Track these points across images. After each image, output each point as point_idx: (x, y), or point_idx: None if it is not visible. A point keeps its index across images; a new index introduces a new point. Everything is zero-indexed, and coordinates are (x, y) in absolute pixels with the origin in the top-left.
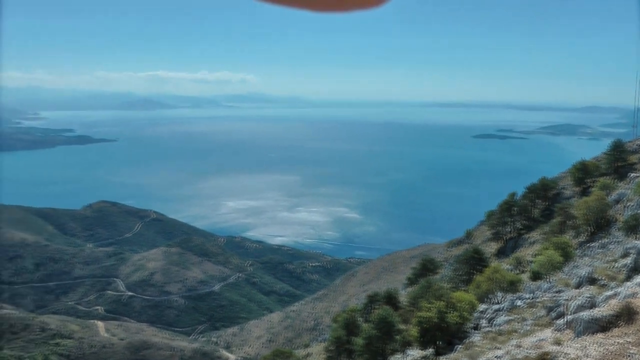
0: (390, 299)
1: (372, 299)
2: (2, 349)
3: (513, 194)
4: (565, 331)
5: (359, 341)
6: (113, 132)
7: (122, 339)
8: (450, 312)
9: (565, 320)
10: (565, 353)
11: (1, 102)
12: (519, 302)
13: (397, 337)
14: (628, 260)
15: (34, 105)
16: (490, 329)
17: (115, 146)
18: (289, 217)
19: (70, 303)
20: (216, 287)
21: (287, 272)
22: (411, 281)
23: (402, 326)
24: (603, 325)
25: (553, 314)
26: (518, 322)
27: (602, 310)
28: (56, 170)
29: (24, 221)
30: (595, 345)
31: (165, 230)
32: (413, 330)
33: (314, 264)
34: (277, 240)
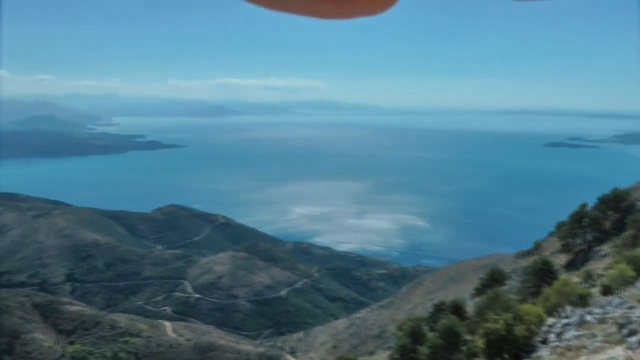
0: (457, 309)
1: (439, 308)
2: (73, 344)
3: (584, 205)
4: (638, 350)
5: (424, 350)
6: (183, 138)
7: (188, 340)
8: (517, 325)
9: (638, 338)
10: None
11: (77, 109)
12: (588, 317)
13: (463, 347)
14: None
15: (107, 112)
16: (558, 344)
17: (185, 152)
18: (356, 224)
19: (139, 303)
20: (282, 292)
21: (353, 279)
22: (478, 292)
23: (468, 337)
24: None
25: (625, 331)
26: (588, 338)
27: None
28: (128, 174)
29: (97, 223)
30: None
31: (233, 234)
32: (479, 342)
33: (380, 272)
34: (343, 247)
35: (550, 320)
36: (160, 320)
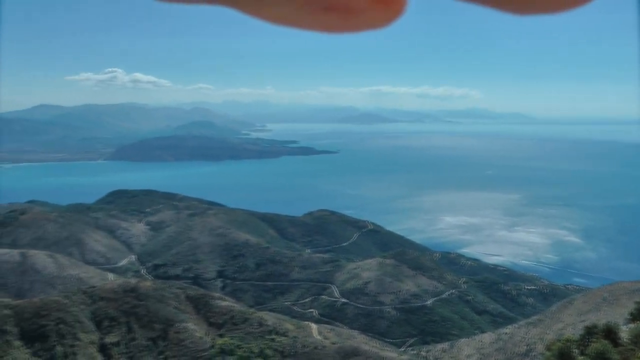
0: (610, 334)
1: (590, 331)
2: (222, 337)
3: None
4: None
5: None
6: (335, 144)
7: (333, 343)
8: None
9: None
10: None
11: (232, 115)
12: None
13: None
14: None
15: (261, 118)
16: None
17: (337, 158)
18: (506, 237)
19: (286, 303)
20: (429, 302)
21: (501, 293)
22: (634, 317)
23: None
24: None
25: None
26: None
27: None
28: (280, 178)
29: (249, 224)
30: None
31: (381, 241)
32: None
33: (529, 287)
34: (492, 260)
35: None
36: (306, 322)
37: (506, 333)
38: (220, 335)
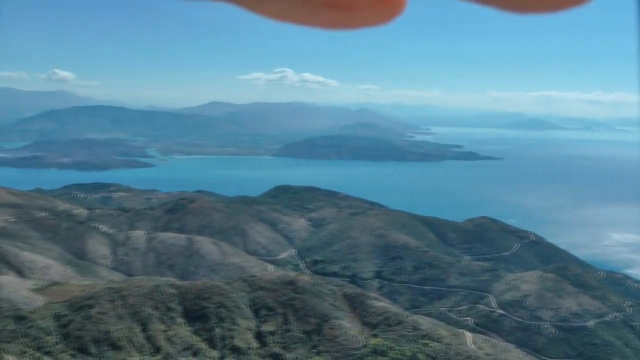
0: None
1: None
2: (376, 337)
3: None
4: None
5: None
6: (499, 150)
7: (487, 354)
8: None
9: None
10: None
11: (397, 117)
12: None
13: None
14: None
15: (426, 121)
16: None
17: (501, 164)
18: None
19: (442, 309)
20: (590, 323)
21: None
22: None
23: None
24: None
25: None
26: None
27: None
28: (442, 182)
29: (408, 226)
30: None
31: (543, 254)
32: None
33: None
34: None
35: None
36: (461, 330)
37: None
38: (374, 336)
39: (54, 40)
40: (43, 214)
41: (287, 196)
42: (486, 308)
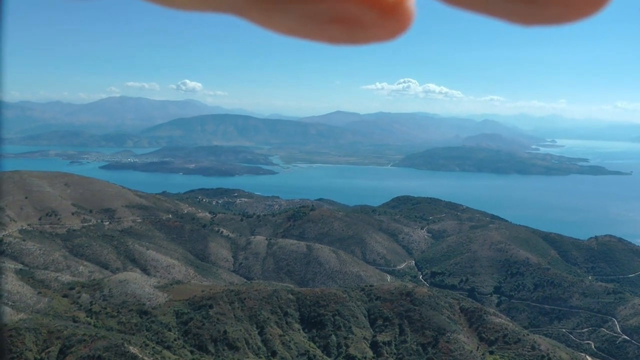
0: None
1: None
2: (492, 354)
3: None
4: None
5: None
6: (628, 165)
7: None
8: None
9: None
10: None
11: (521, 129)
12: None
13: None
14: None
15: (552, 133)
16: None
17: (630, 180)
18: None
19: (562, 330)
20: None
21: None
22: None
23: None
24: None
25: None
26: None
27: None
28: (567, 197)
29: (530, 242)
30: None
31: None
32: None
33: None
34: None
35: None
36: (582, 353)
37: None
38: (491, 352)
39: (184, 52)
40: (169, 216)
41: (408, 207)
42: (609, 332)
